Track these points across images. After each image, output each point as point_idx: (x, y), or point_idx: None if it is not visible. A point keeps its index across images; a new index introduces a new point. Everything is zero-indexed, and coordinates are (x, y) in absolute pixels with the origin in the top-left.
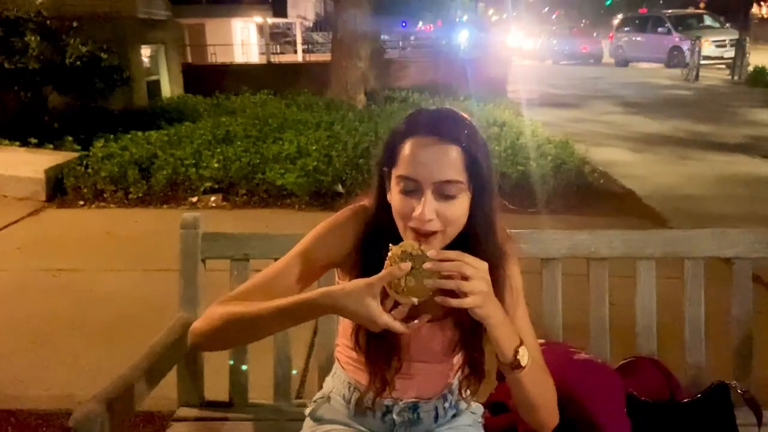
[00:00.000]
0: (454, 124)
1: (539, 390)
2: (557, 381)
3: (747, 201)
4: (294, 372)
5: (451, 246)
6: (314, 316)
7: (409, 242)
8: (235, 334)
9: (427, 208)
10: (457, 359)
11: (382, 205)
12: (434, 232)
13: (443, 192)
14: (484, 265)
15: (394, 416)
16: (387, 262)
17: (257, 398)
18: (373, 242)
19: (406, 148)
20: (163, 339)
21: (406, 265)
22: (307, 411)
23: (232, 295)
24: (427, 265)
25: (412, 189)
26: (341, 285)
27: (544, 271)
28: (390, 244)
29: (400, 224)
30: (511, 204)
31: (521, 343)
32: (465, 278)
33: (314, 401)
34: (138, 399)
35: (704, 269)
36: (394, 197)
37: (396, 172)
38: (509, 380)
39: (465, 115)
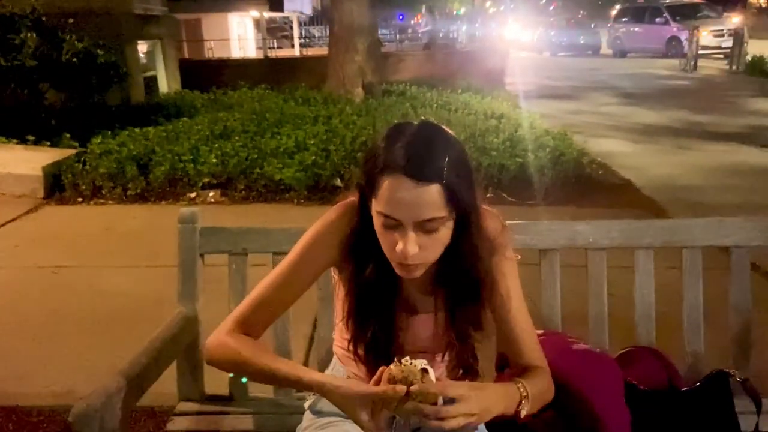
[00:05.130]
0: (432, 159)
1: (540, 405)
2: (555, 371)
3: (745, 190)
4: None
5: (439, 266)
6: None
7: (410, 369)
8: (242, 373)
9: (410, 246)
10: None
11: (366, 217)
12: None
13: (425, 228)
14: (468, 403)
15: None
16: (385, 378)
17: (257, 392)
18: (360, 245)
19: (384, 186)
20: (163, 334)
21: (401, 388)
22: (307, 404)
23: (238, 317)
24: (408, 406)
25: (394, 225)
26: (338, 384)
27: (542, 262)
28: (395, 359)
29: (384, 249)
30: (509, 196)
31: (521, 400)
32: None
33: (313, 394)
34: (138, 394)
35: (702, 258)
36: (377, 228)
37: (376, 206)
38: None
39: (445, 133)
